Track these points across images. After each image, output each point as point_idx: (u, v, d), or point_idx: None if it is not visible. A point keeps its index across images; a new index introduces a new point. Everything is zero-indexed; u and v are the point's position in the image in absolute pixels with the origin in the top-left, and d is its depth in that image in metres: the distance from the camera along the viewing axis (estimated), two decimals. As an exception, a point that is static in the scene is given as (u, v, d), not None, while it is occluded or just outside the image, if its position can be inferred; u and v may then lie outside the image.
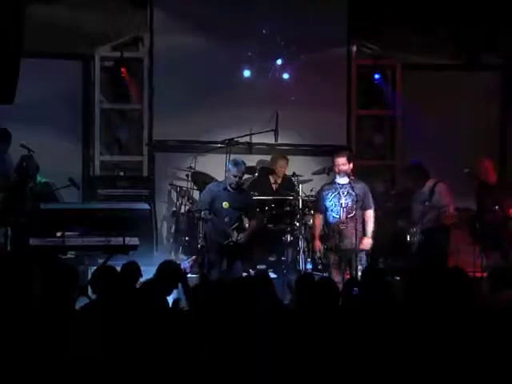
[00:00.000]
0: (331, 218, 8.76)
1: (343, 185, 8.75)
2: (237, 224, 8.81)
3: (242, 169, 8.84)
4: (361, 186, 8.78)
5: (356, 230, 8.53)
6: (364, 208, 8.78)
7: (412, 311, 4.95)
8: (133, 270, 6.61)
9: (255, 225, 9.11)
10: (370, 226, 8.78)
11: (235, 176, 8.75)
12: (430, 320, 4.79)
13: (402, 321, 4.94)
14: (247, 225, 9.02)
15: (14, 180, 9.37)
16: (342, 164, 8.72)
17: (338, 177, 8.79)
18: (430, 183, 9.39)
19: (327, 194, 8.79)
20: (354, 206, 8.63)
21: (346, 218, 8.68)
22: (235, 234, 8.75)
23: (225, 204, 8.75)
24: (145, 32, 11.34)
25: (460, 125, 11.53)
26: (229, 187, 8.78)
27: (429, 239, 9.22)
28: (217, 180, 9.89)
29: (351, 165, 8.79)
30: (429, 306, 4.93)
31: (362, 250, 8.66)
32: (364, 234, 8.73)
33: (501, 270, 6.13)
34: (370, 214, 8.81)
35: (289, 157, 11.14)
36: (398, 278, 9.12)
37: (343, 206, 8.68)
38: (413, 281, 5.33)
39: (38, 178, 9.66)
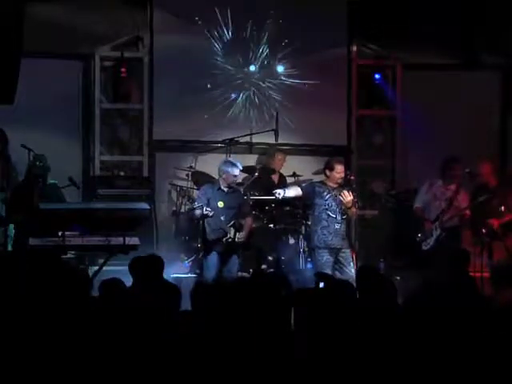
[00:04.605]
0: (325, 216, 8.85)
1: (334, 188, 8.90)
2: (233, 222, 9.08)
3: (240, 167, 9.29)
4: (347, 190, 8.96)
5: (344, 230, 8.92)
6: None
7: (414, 311, 4.94)
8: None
9: (251, 222, 9.48)
10: None
11: (235, 176, 9.19)
12: (432, 320, 4.78)
13: (401, 322, 4.94)
14: (243, 222, 9.28)
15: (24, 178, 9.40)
16: (342, 171, 8.86)
17: (328, 180, 8.94)
18: (453, 186, 9.53)
19: (322, 192, 8.88)
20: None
21: (341, 218, 8.87)
22: (232, 230, 9.03)
23: (220, 203, 9.08)
24: (145, 32, 11.34)
25: (460, 125, 11.51)
26: (223, 187, 9.15)
27: (451, 236, 9.34)
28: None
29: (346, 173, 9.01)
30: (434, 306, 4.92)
31: (347, 247, 8.95)
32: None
33: (503, 269, 6.14)
34: None
35: (289, 157, 11.18)
36: (398, 278, 9.16)
37: (338, 206, 8.79)
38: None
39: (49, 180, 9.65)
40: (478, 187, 9.92)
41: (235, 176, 9.19)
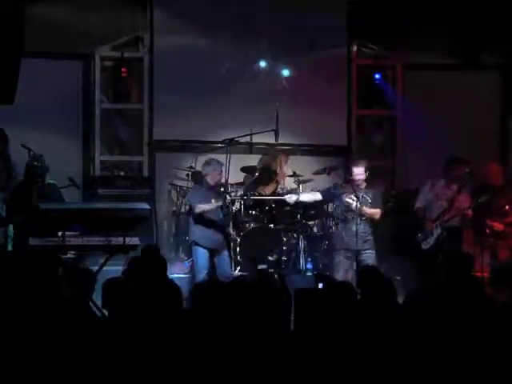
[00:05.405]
0: (343, 218, 8.88)
1: (355, 189, 8.89)
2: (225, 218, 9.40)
3: (222, 163, 9.51)
4: (374, 192, 8.98)
5: (365, 231, 8.86)
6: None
7: (414, 311, 4.94)
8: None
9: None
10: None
11: (220, 173, 9.45)
12: (433, 320, 4.78)
13: (402, 322, 4.94)
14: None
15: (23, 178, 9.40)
16: (360, 174, 8.83)
17: (348, 182, 8.97)
18: (454, 186, 9.48)
19: (341, 194, 8.89)
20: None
21: (361, 219, 8.87)
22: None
23: (213, 202, 9.28)
24: (145, 32, 11.34)
25: (460, 125, 11.52)
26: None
27: (452, 236, 9.33)
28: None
29: (367, 173, 8.94)
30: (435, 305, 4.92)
31: (369, 249, 8.86)
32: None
33: (502, 269, 6.14)
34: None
35: (289, 157, 11.18)
36: (398, 278, 9.16)
37: (358, 208, 8.78)
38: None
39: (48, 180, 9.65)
40: (479, 187, 9.90)
41: (220, 173, 9.39)
